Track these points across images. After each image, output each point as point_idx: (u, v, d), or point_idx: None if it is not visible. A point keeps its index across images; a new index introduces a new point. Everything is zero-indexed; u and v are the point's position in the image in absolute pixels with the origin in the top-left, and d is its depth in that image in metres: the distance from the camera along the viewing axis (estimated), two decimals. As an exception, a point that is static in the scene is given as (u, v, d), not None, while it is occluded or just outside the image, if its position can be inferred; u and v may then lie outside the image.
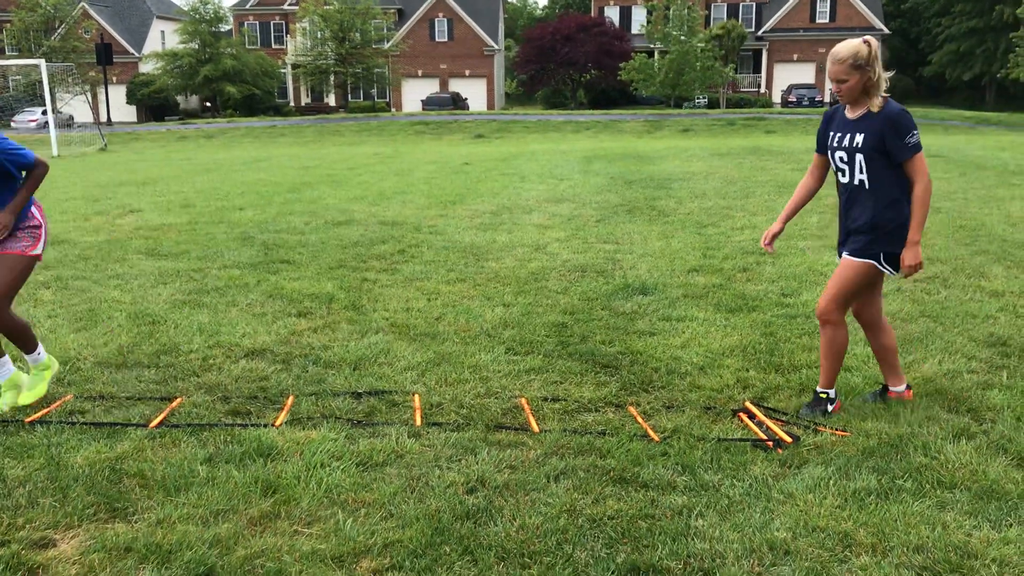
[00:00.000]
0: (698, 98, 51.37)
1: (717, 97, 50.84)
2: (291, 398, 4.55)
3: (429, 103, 54.19)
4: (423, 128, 40.19)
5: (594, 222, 10.59)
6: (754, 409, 4.34)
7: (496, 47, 61.07)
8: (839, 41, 4.13)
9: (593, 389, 4.69)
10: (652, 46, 51.23)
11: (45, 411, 4.34)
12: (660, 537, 3.08)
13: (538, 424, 4.17)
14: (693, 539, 3.07)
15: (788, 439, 3.92)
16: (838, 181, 4.32)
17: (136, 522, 3.22)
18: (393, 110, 57.30)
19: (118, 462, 3.71)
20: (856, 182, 4.15)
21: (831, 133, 4.28)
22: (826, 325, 4.24)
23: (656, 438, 3.99)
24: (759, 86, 58.24)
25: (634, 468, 3.64)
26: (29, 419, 4.19)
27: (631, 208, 11.79)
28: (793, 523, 3.18)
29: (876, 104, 4.03)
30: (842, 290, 4.17)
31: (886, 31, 56.59)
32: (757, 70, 59.04)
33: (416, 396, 4.57)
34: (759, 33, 57.74)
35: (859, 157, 4.08)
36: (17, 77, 54.51)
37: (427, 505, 3.33)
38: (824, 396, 4.28)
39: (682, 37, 46.92)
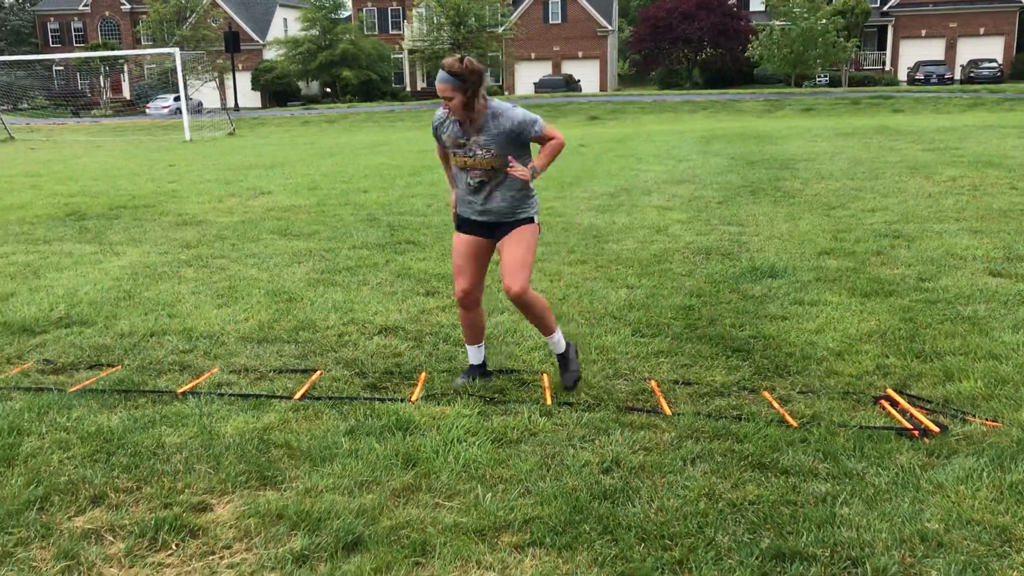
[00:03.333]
0: (819, 77, 49.67)
1: (839, 75, 49.04)
2: (423, 374, 4.65)
3: (542, 85, 54.16)
4: (537, 111, 40.18)
5: (716, 203, 10.40)
6: (897, 396, 4.19)
7: (610, 28, 60.45)
8: (971, 16, 3.86)
9: (725, 373, 4.62)
10: (772, 23, 49.73)
11: (195, 382, 4.56)
12: (804, 524, 3.01)
13: (670, 407, 4.14)
14: (839, 527, 2.99)
15: (935, 428, 3.77)
16: None
17: (285, 490, 3.35)
18: (506, 93, 57.51)
19: (265, 432, 3.88)
20: None
21: None
22: None
23: (794, 424, 3.90)
24: (884, 64, 55.86)
25: (773, 454, 3.57)
26: (181, 390, 4.42)
27: (754, 189, 11.53)
28: (945, 515, 3.06)
29: None
30: None
31: (1025, 3, 53.36)
32: (882, 47, 56.62)
33: (545, 376, 4.59)
34: (884, 8, 55.31)
35: None
36: (152, 66, 57.28)
37: (564, 483, 3.35)
38: None
39: (804, 13, 45.37)
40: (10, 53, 57.66)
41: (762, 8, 54.33)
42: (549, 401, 4.23)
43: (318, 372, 4.71)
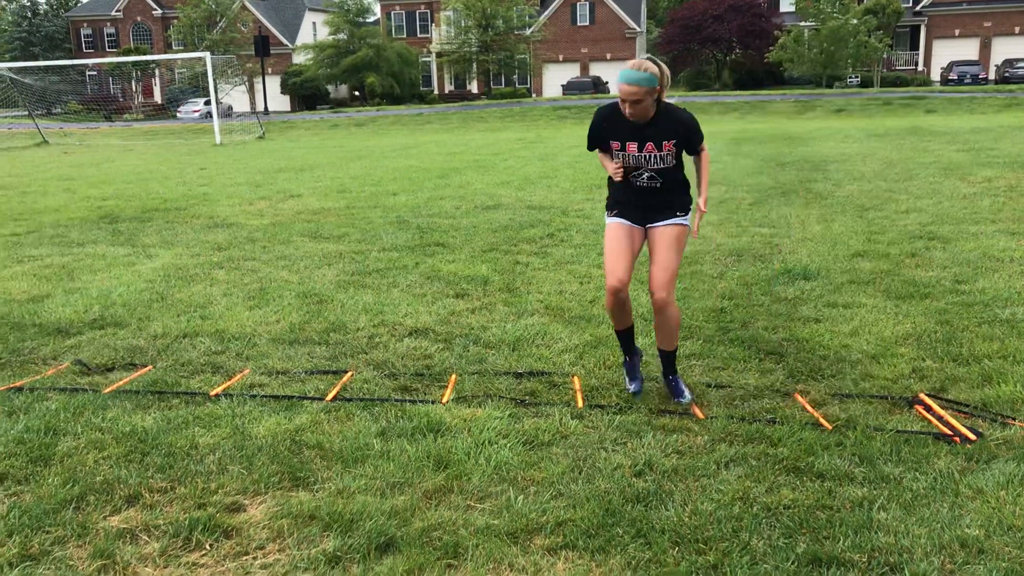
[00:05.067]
0: (850, 77, 49.17)
1: (871, 76, 48.53)
2: (454, 376, 4.65)
3: (570, 87, 54.07)
4: (565, 113, 40.18)
5: (747, 205, 10.32)
6: (930, 401, 4.13)
7: (638, 29, 60.27)
8: (1006, 15, 3.80)
9: (758, 376, 4.57)
10: (802, 23, 49.35)
11: (228, 384, 4.59)
12: (841, 529, 2.97)
13: (703, 410, 4.10)
14: (876, 532, 2.95)
15: (972, 436, 3.70)
16: None
17: (318, 491, 3.36)
18: (534, 95, 57.52)
19: (297, 433, 3.89)
20: None
21: None
22: None
23: (828, 427, 3.85)
24: (916, 64, 55.20)
25: (808, 457, 3.53)
26: (214, 391, 4.44)
27: (786, 191, 11.43)
28: (985, 520, 3.00)
29: None
30: None
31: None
32: (914, 47, 55.95)
33: (576, 378, 4.57)
34: (917, 8, 54.66)
35: None
36: (183, 70, 57.92)
37: (596, 486, 3.33)
38: None
39: (835, 14, 44.96)
40: (44, 58, 58.56)
41: (792, 9, 53.89)
42: (580, 404, 4.21)
43: (349, 373, 4.72)
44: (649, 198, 4.23)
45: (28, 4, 71.38)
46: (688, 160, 4.27)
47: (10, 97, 38.61)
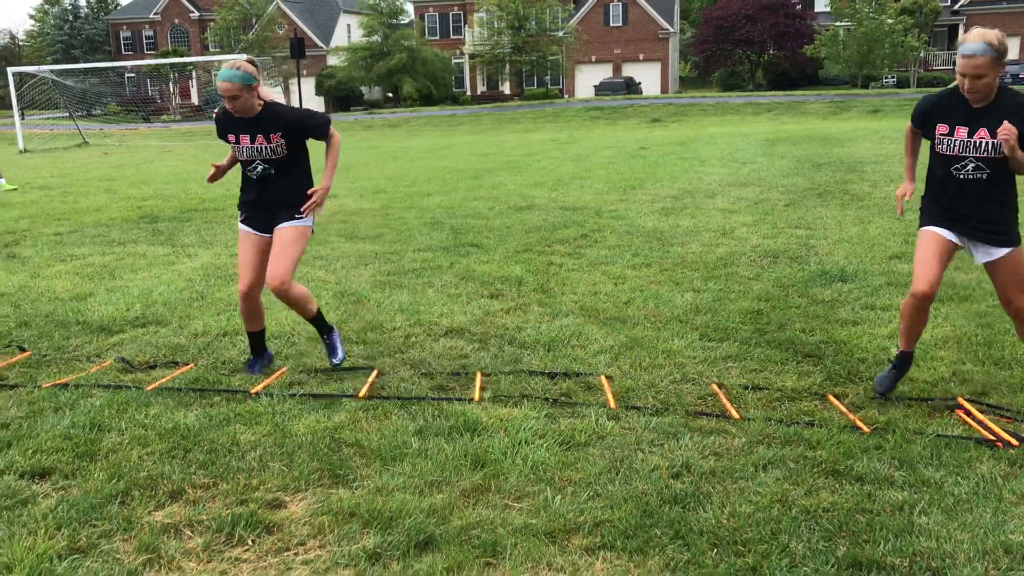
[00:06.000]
0: (886, 78, 48.57)
1: (907, 76, 47.92)
2: (479, 374, 4.67)
3: (602, 88, 53.94)
4: (598, 113, 40.10)
5: (783, 206, 10.25)
6: (968, 406, 4.08)
7: (671, 30, 60.00)
8: None
9: (795, 379, 4.55)
10: (838, 23, 48.83)
11: (268, 381, 4.65)
12: (881, 532, 2.95)
13: (740, 412, 4.09)
14: (917, 536, 2.93)
15: (1015, 442, 3.66)
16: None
17: (357, 488, 3.40)
18: (566, 96, 57.46)
19: (336, 431, 3.93)
20: None
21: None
22: None
23: (866, 430, 3.83)
24: (954, 64, 54.37)
25: (847, 460, 3.51)
26: (255, 389, 4.50)
27: (821, 192, 11.33)
28: (1029, 526, 2.97)
29: None
30: None
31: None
32: (952, 47, 55.15)
33: (604, 379, 4.57)
34: (955, 7, 53.89)
35: None
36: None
37: (633, 487, 3.33)
38: None
39: (871, 13, 44.45)
40: (84, 61, 59.49)
41: (827, 9, 53.34)
42: (614, 405, 4.22)
43: (375, 371, 4.75)
44: (264, 195, 4.63)
45: (69, 8, 72.57)
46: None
47: (52, 99, 39.25)
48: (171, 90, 63.14)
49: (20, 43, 75.60)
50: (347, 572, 2.84)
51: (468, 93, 61.14)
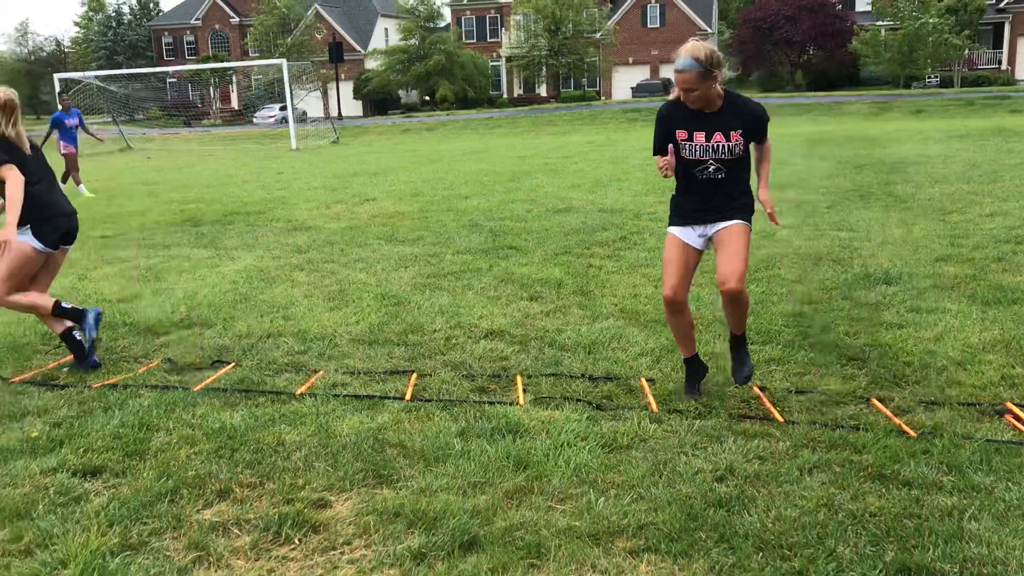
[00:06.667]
0: (929, 77, 47.86)
1: (951, 76, 47.17)
2: (518, 377, 4.68)
3: (639, 90, 53.77)
4: (635, 115, 39.96)
5: (824, 208, 10.15)
6: (1017, 410, 4.01)
7: (709, 31, 59.61)
8: None
9: (840, 382, 4.50)
10: (879, 23, 48.23)
11: (310, 382, 4.70)
12: (930, 538, 2.91)
13: (784, 416, 4.06)
14: (967, 542, 2.88)
15: (1068, 443, 3.60)
16: None
17: (401, 489, 3.42)
18: (603, 98, 57.34)
19: (380, 432, 3.97)
20: None
21: None
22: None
23: (912, 434, 3.78)
24: (999, 63, 53.43)
25: (893, 465, 3.47)
26: (299, 390, 4.56)
27: (864, 194, 11.20)
28: (1083, 534, 2.92)
29: None
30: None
31: None
32: (997, 45, 54.17)
33: (645, 382, 4.56)
34: (1000, 5, 52.93)
35: None
36: (259, 77, 59.23)
37: (677, 490, 3.32)
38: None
39: (914, 12, 43.82)
40: (127, 66, 60.46)
41: (868, 8, 52.73)
42: (656, 408, 4.21)
43: (414, 374, 4.78)
44: None
45: (113, 15, 73.87)
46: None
47: (96, 104, 39.98)
48: (211, 95, 64.00)
49: (66, 50, 77.04)
50: (392, 572, 2.86)
51: (505, 96, 61.25)
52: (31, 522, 3.20)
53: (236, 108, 61.66)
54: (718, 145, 4.05)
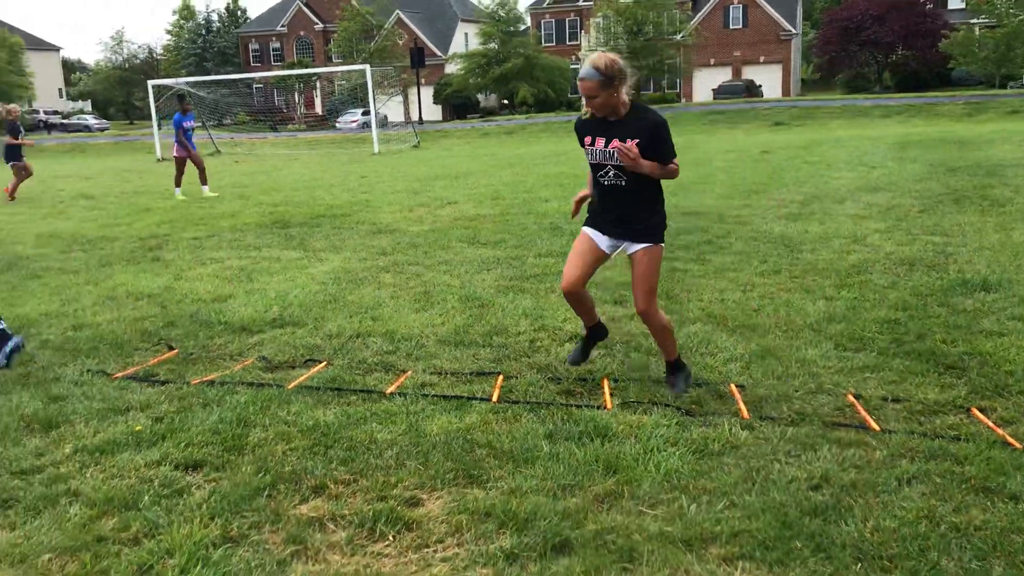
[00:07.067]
0: (1027, 76, 46.08)
1: (1051, 74, 45.30)
2: (605, 380, 4.67)
3: (721, 92, 53.09)
4: (717, 117, 39.47)
5: (917, 212, 9.86)
6: None
7: (793, 31, 58.52)
8: None
9: (938, 391, 4.37)
10: (973, 20, 46.61)
11: (399, 381, 4.77)
12: (1040, 554, 2.81)
13: (879, 425, 3.96)
14: (1081, 561, 2.77)
15: None
16: None
17: (491, 489, 3.45)
18: (683, 100, 56.76)
19: (468, 432, 4.00)
20: None
21: None
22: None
23: (1017, 446, 3.65)
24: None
25: (998, 478, 3.35)
26: (389, 389, 4.63)
27: (958, 197, 10.84)
28: None
29: None
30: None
31: None
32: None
33: (735, 388, 4.50)
34: (1107, -1, 50.55)
35: None
36: (342, 82, 60.37)
37: (771, 498, 3.27)
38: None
39: (1011, 9, 42.22)
40: (216, 73, 62.28)
41: (961, 6, 51.01)
42: (747, 414, 4.15)
43: (500, 376, 4.81)
44: None
45: (203, 22, 76.21)
46: None
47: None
48: (296, 100, 65.47)
49: (158, 57, 79.75)
50: (485, 571, 2.89)
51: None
52: (138, 512, 3.32)
53: (320, 113, 62.96)
54: (615, 151, 4.21)
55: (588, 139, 4.35)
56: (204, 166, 16.29)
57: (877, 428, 3.92)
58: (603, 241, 4.52)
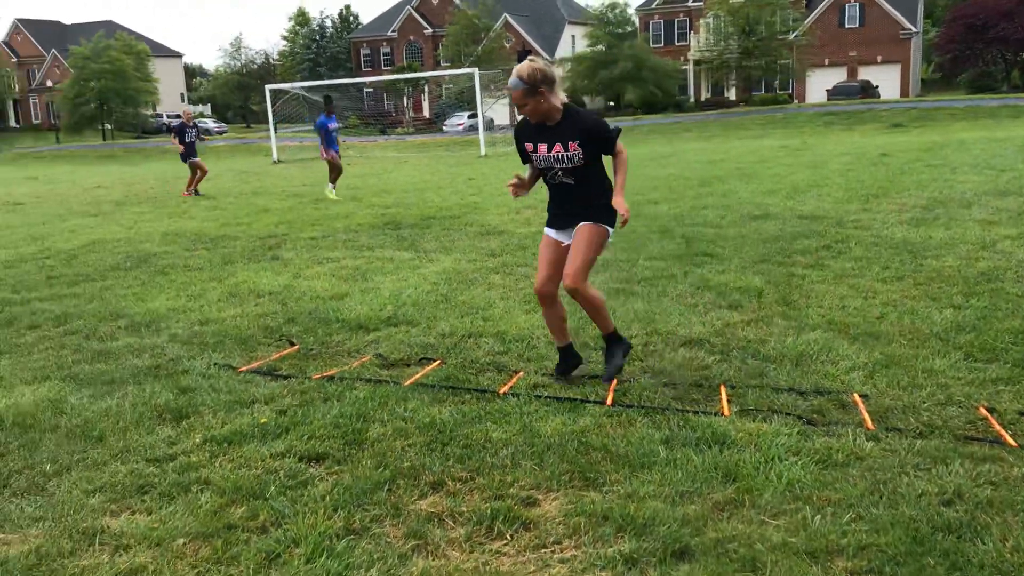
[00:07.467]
0: None
1: None
2: (723, 386, 4.58)
3: (836, 92, 51.53)
4: (832, 119, 38.35)
5: (1051, 218, 9.35)
6: None
7: (914, 29, 56.34)
8: None
9: (1081, 406, 4.13)
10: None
11: (512, 381, 4.80)
12: None
13: (1016, 440, 3.77)
14: None
15: None
16: None
17: (607, 493, 3.43)
18: (796, 101, 55.35)
19: (583, 435, 3.99)
20: None
21: None
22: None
23: None
24: None
25: None
26: (502, 389, 4.66)
27: (1098, 203, 10.23)
28: None
29: None
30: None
31: None
32: None
33: (858, 397, 4.35)
34: None
35: None
36: (449, 86, 61.24)
37: (900, 512, 3.15)
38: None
39: None
40: (328, 77, 64.03)
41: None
42: (871, 425, 4.00)
43: (614, 380, 4.78)
44: None
45: (317, 28, 78.52)
46: None
47: (300, 113, 42.59)
48: (405, 104, 66.72)
49: (274, 62, 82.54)
50: (604, 574, 2.87)
51: (692, 100, 60.30)
52: (265, 502, 3.44)
53: (427, 116, 63.99)
54: (559, 155, 4.48)
55: (530, 146, 4.59)
56: (342, 170, 16.76)
57: (1014, 444, 3.73)
58: (563, 236, 4.74)
